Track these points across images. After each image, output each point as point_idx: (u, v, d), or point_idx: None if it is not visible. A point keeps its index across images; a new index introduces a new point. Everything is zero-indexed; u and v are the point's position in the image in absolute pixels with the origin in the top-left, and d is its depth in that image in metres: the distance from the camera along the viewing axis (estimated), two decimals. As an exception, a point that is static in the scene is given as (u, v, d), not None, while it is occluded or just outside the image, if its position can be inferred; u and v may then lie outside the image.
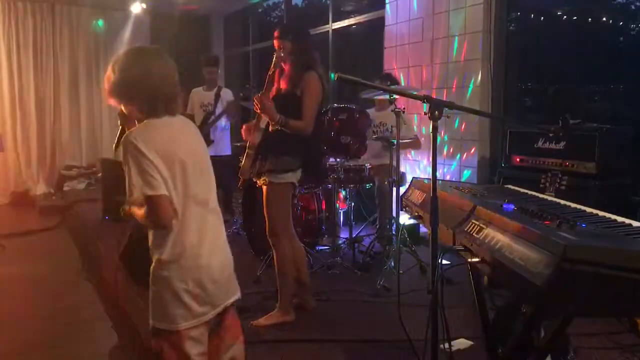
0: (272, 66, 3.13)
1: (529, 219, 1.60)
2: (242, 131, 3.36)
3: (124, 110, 1.83)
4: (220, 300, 1.81)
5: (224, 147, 5.43)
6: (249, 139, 3.27)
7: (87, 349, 3.12)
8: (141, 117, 1.79)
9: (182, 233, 1.74)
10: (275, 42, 3.14)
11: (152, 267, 1.78)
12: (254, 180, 3.20)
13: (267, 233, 3.17)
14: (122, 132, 1.90)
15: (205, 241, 1.79)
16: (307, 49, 3.16)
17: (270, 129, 3.09)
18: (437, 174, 1.89)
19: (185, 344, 1.74)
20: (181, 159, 1.74)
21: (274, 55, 3.12)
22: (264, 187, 3.10)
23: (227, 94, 5.46)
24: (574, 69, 4.56)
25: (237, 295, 1.91)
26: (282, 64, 3.13)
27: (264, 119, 3.14)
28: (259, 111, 3.08)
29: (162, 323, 1.75)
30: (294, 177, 3.07)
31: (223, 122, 5.42)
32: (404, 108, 4.05)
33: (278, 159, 3.03)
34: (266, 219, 3.14)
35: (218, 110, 5.31)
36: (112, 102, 1.82)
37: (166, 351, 1.75)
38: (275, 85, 3.17)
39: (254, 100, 3.07)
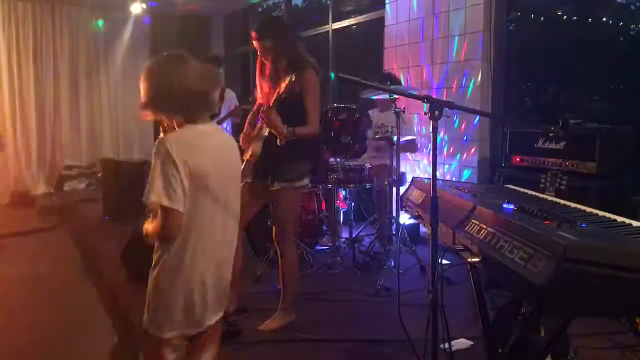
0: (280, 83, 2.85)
1: (529, 219, 1.60)
2: (241, 140, 3.17)
3: (165, 122, 1.83)
4: (207, 321, 1.82)
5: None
6: (248, 146, 3.10)
7: (87, 349, 3.11)
8: (178, 124, 1.79)
9: (187, 248, 1.73)
10: (255, 44, 2.96)
11: (151, 271, 1.79)
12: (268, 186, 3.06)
13: (275, 238, 3.10)
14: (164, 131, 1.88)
15: (209, 260, 1.78)
16: (292, 43, 3.01)
17: (278, 143, 2.88)
18: (437, 174, 1.89)
19: (165, 349, 1.79)
20: (207, 173, 1.73)
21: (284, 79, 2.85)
22: (277, 193, 3.00)
23: (230, 95, 5.45)
24: (574, 69, 4.55)
25: (222, 312, 1.91)
26: (271, 64, 2.98)
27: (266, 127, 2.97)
28: (265, 125, 2.90)
29: (149, 327, 1.78)
30: (307, 180, 3.06)
31: (225, 124, 5.43)
32: (404, 108, 4.05)
33: (293, 165, 2.97)
34: (276, 224, 3.07)
35: (223, 113, 5.31)
36: (149, 115, 1.78)
37: (147, 351, 1.86)
38: (266, 89, 3.04)
39: (260, 114, 2.91)
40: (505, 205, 1.78)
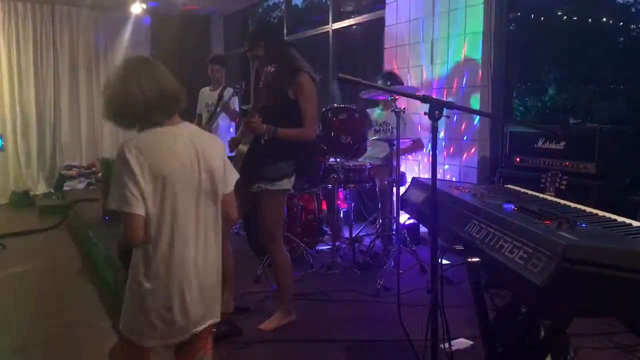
0: (261, 83, 2.94)
1: (529, 219, 1.60)
2: (230, 146, 3.18)
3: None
4: (192, 328, 1.76)
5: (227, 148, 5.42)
6: (237, 147, 3.10)
7: (87, 349, 3.11)
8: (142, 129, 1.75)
9: (163, 255, 1.69)
10: (249, 55, 2.99)
11: (129, 278, 1.74)
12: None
13: (264, 244, 3.09)
14: None
15: (186, 264, 1.73)
16: (284, 49, 3.00)
17: (262, 141, 2.91)
18: (437, 174, 1.89)
19: (148, 357, 1.75)
20: (172, 174, 1.68)
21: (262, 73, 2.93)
22: (259, 198, 2.98)
23: (229, 94, 5.45)
24: (574, 69, 4.56)
25: (214, 319, 1.84)
26: (262, 68, 2.97)
27: None
28: (251, 134, 2.94)
29: (129, 334, 1.73)
30: (289, 183, 3.00)
31: (226, 122, 5.44)
32: (404, 108, 4.04)
33: (274, 166, 2.94)
34: (262, 225, 3.05)
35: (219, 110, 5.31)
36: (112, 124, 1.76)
37: (128, 357, 1.79)
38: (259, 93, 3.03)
39: (243, 125, 2.92)
40: (505, 205, 1.78)
